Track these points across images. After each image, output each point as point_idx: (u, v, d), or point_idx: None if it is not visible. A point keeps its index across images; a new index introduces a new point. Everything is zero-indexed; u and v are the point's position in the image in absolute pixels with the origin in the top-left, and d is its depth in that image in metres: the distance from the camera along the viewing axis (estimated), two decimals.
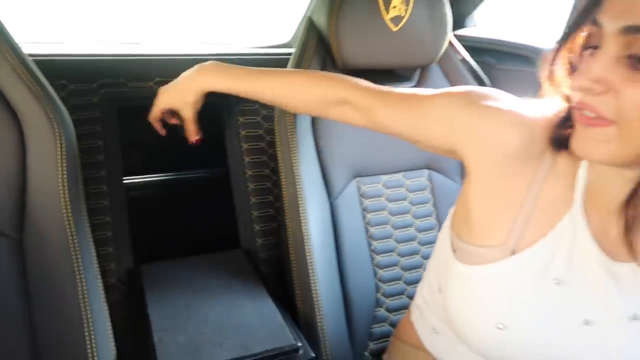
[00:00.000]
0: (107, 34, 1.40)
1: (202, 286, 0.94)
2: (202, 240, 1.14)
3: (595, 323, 0.58)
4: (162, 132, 0.90)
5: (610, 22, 0.46)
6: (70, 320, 0.75)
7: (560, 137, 0.57)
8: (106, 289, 0.84)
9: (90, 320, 0.75)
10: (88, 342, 0.75)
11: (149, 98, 1.12)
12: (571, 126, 0.55)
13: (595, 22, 0.48)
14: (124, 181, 1.07)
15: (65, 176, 0.78)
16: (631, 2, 0.45)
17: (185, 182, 1.27)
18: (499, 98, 0.62)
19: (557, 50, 0.55)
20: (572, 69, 0.54)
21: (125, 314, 0.96)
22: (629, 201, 0.52)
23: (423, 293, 0.77)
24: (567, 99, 0.56)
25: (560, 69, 0.55)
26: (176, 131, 0.90)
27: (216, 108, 1.18)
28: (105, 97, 1.09)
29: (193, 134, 0.88)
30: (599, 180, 0.56)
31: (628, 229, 0.53)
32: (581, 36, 0.52)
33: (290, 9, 1.51)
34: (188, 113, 0.85)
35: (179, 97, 0.84)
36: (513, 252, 0.60)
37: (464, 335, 0.64)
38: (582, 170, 0.58)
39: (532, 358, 0.60)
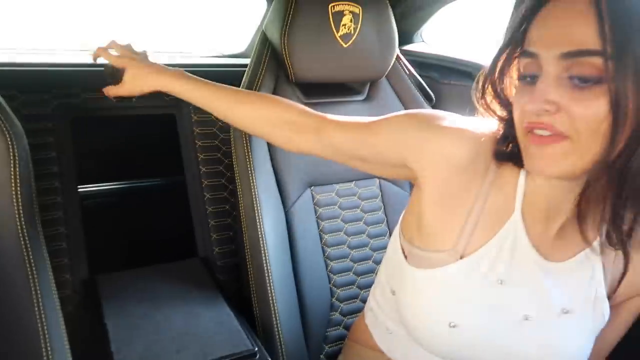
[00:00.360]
0: (60, 42, 1.38)
1: (160, 295, 0.95)
2: (159, 249, 1.15)
3: (533, 318, 0.65)
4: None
5: (547, 51, 0.52)
6: (27, 332, 0.75)
7: (501, 152, 0.63)
8: (61, 300, 0.83)
9: (46, 332, 0.75)
10: (45, 354, 0.75)
11: (105, 109, 1.13)
12: (512, 142, 0.61)
13: (529, 54, 0.54)
14: (79, 190, 1.07)
15: (19, 189, 0.77)
16: (562, 32, 0.51)
17: (140, 191, 1.27)
18: (445, 117, 0.68)
19: (486, 79, 0.61)
20: (497, 95, 0.61)
21: (81, 325, 0.96)
22: (582, 197, 0.59)
23: (376, 296, 0.82)
24: (501, 119, 0.63)
25: (490, 96, 0.61)
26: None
27: (172, 118, 1.19)
28: (59, 107, 1.08)
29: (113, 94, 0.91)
30: (537, 189, 0.63)
31: (581, 218, 0.61)
32: (512, 66, 0.58)
33: (243, 17, 1.54)
34: (127, 92, 0.89)
35: (137, 80, 0.87)
36: (462, 256, 0.65)
37: (417, 334, 0.69)
38: (521, 180, 0.64)
39: (478, 352, 0.66)
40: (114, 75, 0.90)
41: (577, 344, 0.66)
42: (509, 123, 0.61)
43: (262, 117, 0.81)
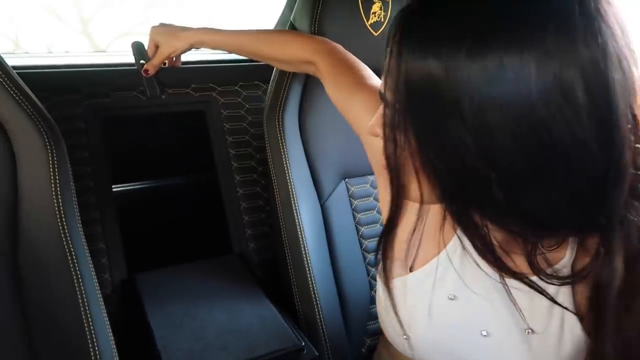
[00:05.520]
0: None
1: (200, 292, 0.94)
2: (193, 246, 1.15)
3: (493, 335, 0.59)
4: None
5: None
6: (73, 333, 0.75)
7: None
8: (103, 299, 0.83)
9: (93, 333, 0.75)
10: (92, 353, 0.74)
11: (133, 107, 1.12)
12: None
13: None
14: (113, 189, 1.06)
15: (58, 189, 0.77)
16: None
17: (171, 189, 1.26)
18: None
19: None
20: None
21: (121, 325, 0.96)
22: None
23: None
24: None
25: None
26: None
27: (202, 115, 1.18)
28: (89, 107, 1.08)
29: (153, 68, 0.93)
30: None
31: None
32: None
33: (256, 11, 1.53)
34: (163, 56, 0.91)
35: (171, 40, 0.90)
36: (411, 269, 0.63)
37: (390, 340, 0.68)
38: None
39: None
40: (141, 52, 0.92)
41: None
42: None
43: (287, 54, 0.90)
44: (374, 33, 1.01)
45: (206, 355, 0.78)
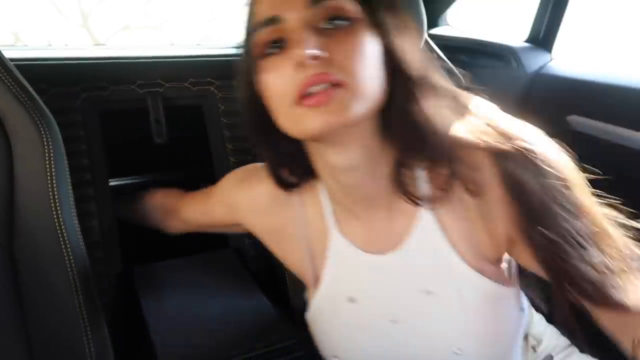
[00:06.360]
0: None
1: (195, 286, 0.95)
2: (190, 240, 1.15)
3: (400, 321, 0.61)
4: None
5: (288, 7, 0.48)
6: (68, 326, 0.75)
7: (281, 180, 0.63)
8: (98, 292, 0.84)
9: (87, 326, 0.75)
10: (87, 348, 0.75)
11: (131, 101, 1.12)
12: (281, 162, 0.61)
13: (267, 22, 0.49)
14: (110, 183, 1.06)
15: (54, 182, 0.77)
16: None
17: (169, 183, 1.26)
18: (245, 170, 0.76)
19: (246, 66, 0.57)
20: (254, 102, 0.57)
21: (118, 317, 0.96)
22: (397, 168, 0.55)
23: None
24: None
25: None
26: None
27: (198, 109, 1.18)
28: (87, 100, 1.07)
29: None
30: (338, 192, 0.59)
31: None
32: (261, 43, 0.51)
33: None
34: None
35: None
36: (317, 287, 0.66)
37: None
38: (323, 198, 0.63)
39: None
40: None
41: (448, 325, 0.59)
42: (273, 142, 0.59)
43: (143, 214, 0.99)
44: None
45: (201, 348, 0.78)
